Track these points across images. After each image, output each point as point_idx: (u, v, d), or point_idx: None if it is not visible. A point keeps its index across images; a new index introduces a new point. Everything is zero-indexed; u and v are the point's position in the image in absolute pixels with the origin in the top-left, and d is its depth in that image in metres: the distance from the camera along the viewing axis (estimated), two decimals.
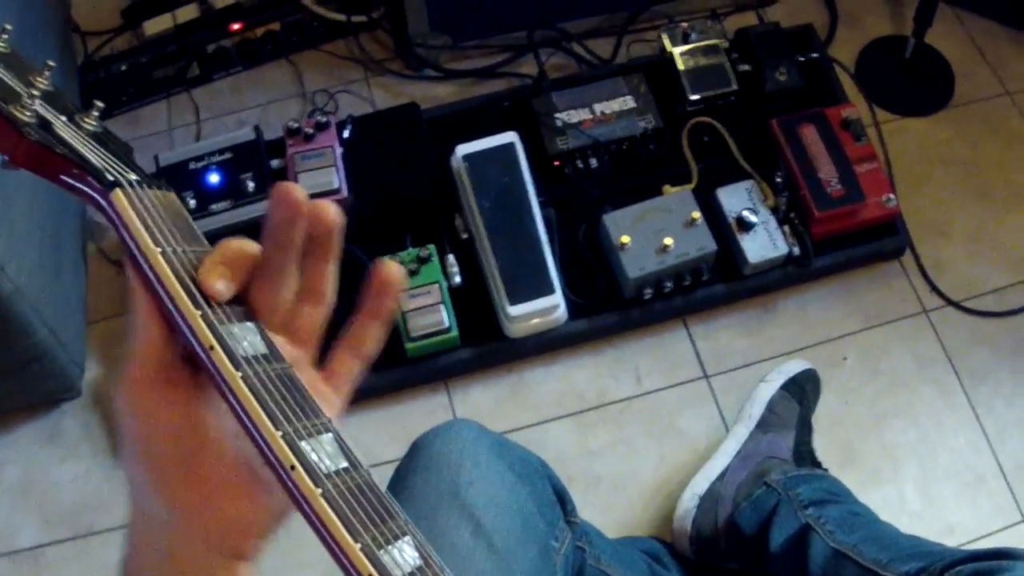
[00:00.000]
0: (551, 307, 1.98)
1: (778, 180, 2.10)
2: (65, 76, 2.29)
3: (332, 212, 0.71)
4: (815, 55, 2.31)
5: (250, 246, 0.70)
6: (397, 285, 0.75)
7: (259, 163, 2.10)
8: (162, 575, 0.72)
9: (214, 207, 2.05)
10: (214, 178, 2.08)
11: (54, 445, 2.05)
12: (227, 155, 2.10)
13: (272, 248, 0.70)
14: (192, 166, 2.09)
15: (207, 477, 0.70)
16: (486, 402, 2.06)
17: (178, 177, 2.08)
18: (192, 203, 2.05)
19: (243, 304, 0.71)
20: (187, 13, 2.46)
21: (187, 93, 2.47)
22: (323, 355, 0.76)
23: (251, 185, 2.06)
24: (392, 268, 0.74)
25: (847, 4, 2.54)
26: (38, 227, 1.88)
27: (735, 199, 2.08)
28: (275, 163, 2.12)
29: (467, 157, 2.06)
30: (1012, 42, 2.49)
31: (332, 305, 0.75)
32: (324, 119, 2.12)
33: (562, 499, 1.40)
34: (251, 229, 2.07)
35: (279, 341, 0.73)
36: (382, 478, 1.28)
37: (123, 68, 2.40)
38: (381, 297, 0.75)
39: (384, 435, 2.00)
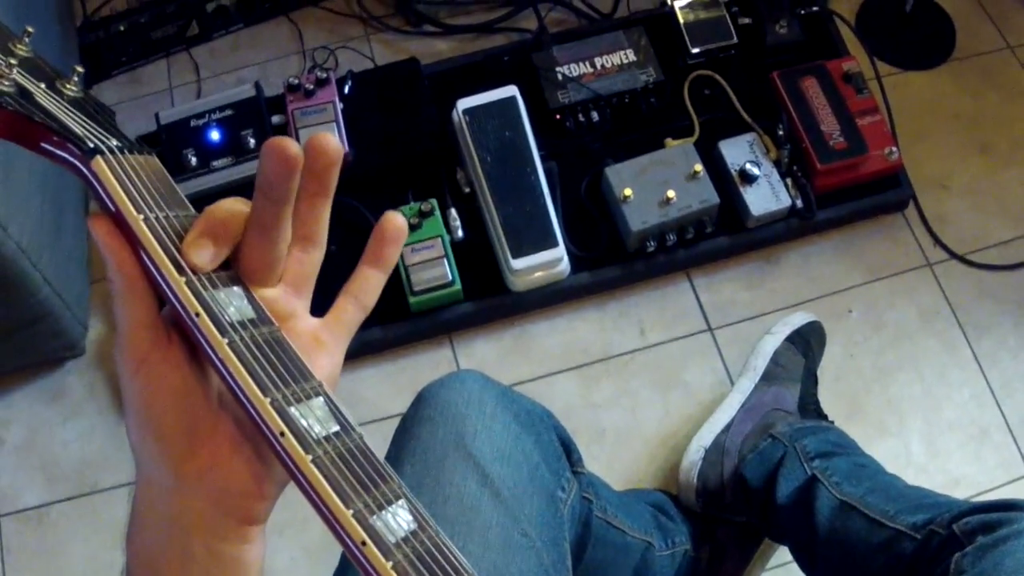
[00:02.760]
0: (554, 260, 1.98)
1: (780, 133, 2.09)
2: (65, 37, 2.28)
3: (332, 145, 0.70)
4: (815, 8, 2.29)
5: (237, 207, 0.69)
6: (402, 235, 0.75)
7: (260, 119, 2.09)
8: (168, 542, 0.71)
9: (215, 163, 2.04)
10: (215, 135, 2.07)
11: (58, 404, 2.05)
12: (228, 112, 2.09)
13: (265, 203, 0.69)
14: (193, 123, 2.08)
15: (213, 438, 0.70)
16: (490, 355, 2.06)
17: (179, 134, 2.07)
18: (193, 160, 2.04)
19: (233, 264, 0.70)
20: None
21: (187, 52, 2.46)
22: (318, 303, 0.76)
23: (252, 142, 2.06)
24: (397, 219, 0.74)
25: None
26: (39, 186, 1.88)
27: (737, 152, 2.08)
28: (276, 119, 2.11)
29: (468, 111, 2.05)
30: None
31: (324, 248, 0.75)
32: (324, 75, 2.11)
33: (568, 450, 1.39)
34: (251, 184, 2.06)
35: (275, 292, 0.73)
36: (387, 432, 1.28)
37: (122, 28, 2.39)
38: (385, 246, 0.75)
39: (389, 389, 2.00)
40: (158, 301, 0.68)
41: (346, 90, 2.14)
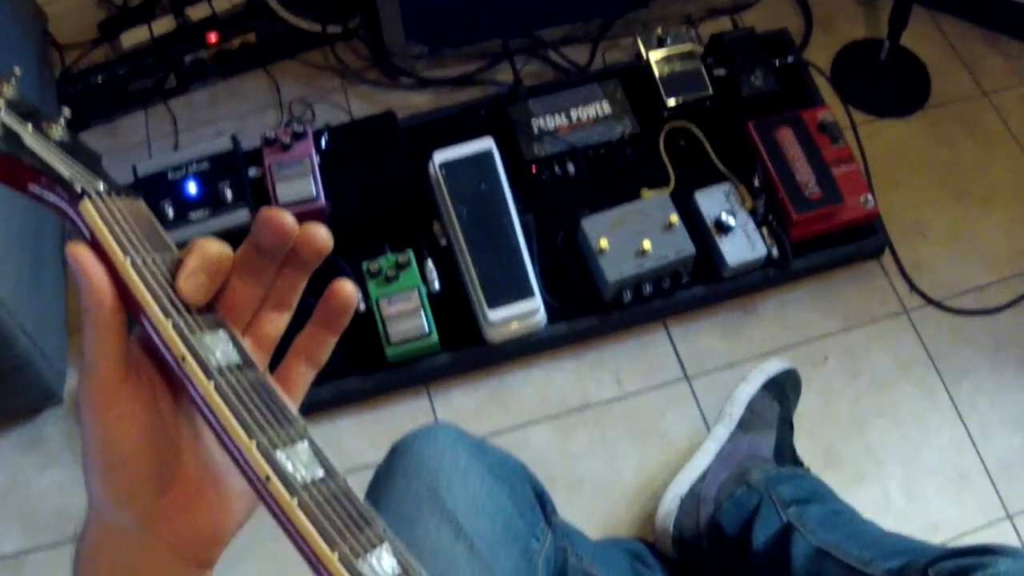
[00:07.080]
0: (530, 311, 1.98)
1: (755, 183, 2.10)
2: (43, 89, 2.30)
3: (323, 238, 0.70)
4: (790, 59, 2.32)
5: (227, 250, 0.70)
6: (352, 305, 0.75)
7: (237, 172, 2.10)
8: None
9: (192, 215, 2.05)
10: (192, 187, 2.07)
11: (36, 453, 2.05)
12: (205, 164, 2.10)
13: (253, 254, 0.70)
14: (171, 176, 2.09)
15: (180, 484, 0.70)
16: (467, 406, 2.06)
17: (157, 186, 2.08)
18: (170, 212, 2.04)
19: (213, 308, 0.70)
20: (164, 25, 2.48)
21: (164, 104, 2.47)
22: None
23: (229, 194, 2.06)
24: (348, 289, 0.74)
25: (822, 8, 2.56)
26: (17, 237, 1.89)
27: (713, 202, 2.08)
28: (253, 172, 2.11)
29: (444, 164, 2.06)
30: (986, 42, 2.50)
31: (292, 313, 0.75)
32: (301, 129, 2.12)
33: (542, 500, 1.40)
34: (229, 236, 2.06)
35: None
36: (363, 482, 1.28)
37: (100, 80, 2.41)
38: (337, 316, 0.75)
39: (365, 439, 2.00)
40: (125, 333, 0.67)
41: (323, 143, 2.15)
